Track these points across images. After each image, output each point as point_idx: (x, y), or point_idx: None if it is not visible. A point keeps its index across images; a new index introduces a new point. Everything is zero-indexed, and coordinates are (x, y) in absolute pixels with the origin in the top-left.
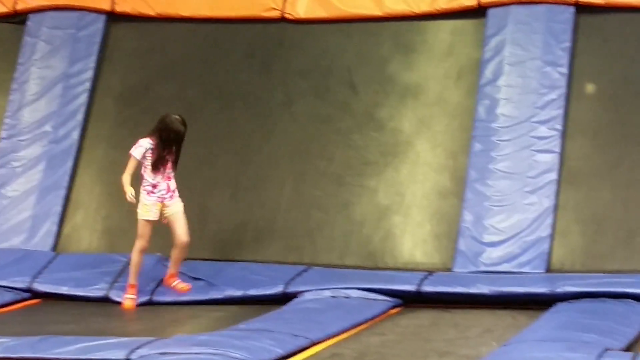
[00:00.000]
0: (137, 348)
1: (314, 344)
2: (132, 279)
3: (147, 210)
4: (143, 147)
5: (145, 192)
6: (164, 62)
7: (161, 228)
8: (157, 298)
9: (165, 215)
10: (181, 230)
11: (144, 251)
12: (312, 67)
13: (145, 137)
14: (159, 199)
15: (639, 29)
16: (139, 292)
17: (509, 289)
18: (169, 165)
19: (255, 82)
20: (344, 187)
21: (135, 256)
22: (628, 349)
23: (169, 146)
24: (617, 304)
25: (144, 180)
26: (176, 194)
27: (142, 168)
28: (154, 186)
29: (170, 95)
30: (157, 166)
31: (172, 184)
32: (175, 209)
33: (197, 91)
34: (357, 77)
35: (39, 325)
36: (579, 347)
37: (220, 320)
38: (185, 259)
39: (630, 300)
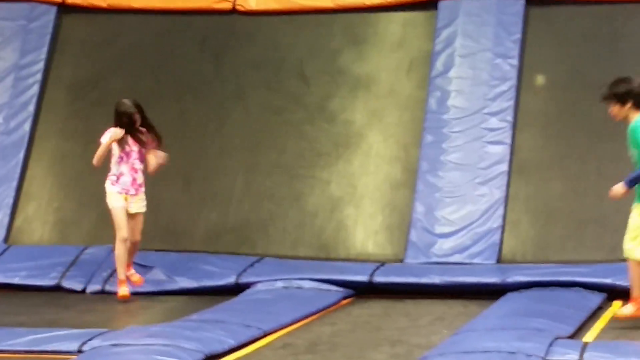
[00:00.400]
0: (90, 340)
1: (266, 334)
2: (120, 274)
3: (113, 198)
4: (108, 133)
5: (109, 182)
6: (115, 54)
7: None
8: (110, 288)
9: (128, 210)
10: (136, 230)
11: (126, 241)
12: (264, 59)
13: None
14: (123, 189)
15: (589, 21)
16: (92, 281)
17: (460, 279)
18: (135, 155)
19: (207, 74)
20: (296, 178)
21: (118, 249)
22: (577, 333)
23: (128, 132)
24: (566, 292)
25: (110, 171)
26: (142, 189)
27: (110, 158)
28: (118, 177)
29: (122, 87)
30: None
31: (139, 177)
32: (137, 208)
33: (149, 83)
34: (308, 69)
35: None
36: (530, 335)
37: (172, 311)
38: (138, 250)
39: (579, 288)
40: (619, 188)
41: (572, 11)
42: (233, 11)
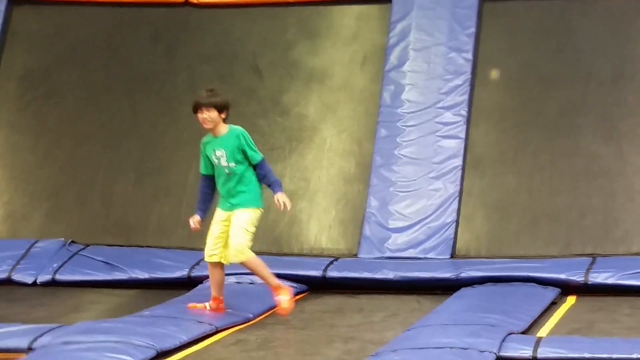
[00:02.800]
0: (40, 336)
1: (218, 330)
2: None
3: None
4: None
5: None
6: (67, 46)
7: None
8: (60, 277)
9: None
10: None
11: None
12: (216, 52)
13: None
14: None
15: (543, 15)
16: (42, 272)
17: (414, 274)
18: None
19: (160, 66)
20: None
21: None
22: (531, 329)
23: None
24: (520, 287)
25: None
26: None
27: None
28: None
29: (74, 79)
30: None
31: None
32: None
33: (101, 75)
34: (262, 62)
35: None
36: (482, 331)
37: (123, 306)
38: (89, 245)
39: (533, 283)
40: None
41: (526, 5)
42: (186, 3)
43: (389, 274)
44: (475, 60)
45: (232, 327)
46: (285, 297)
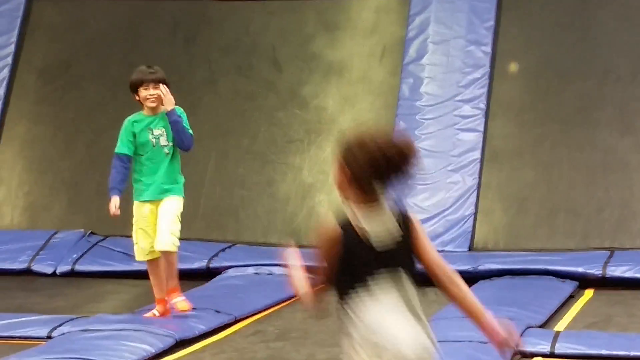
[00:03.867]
0: (59, 325)
1: (237, 320)
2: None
3: None
4: None
5: None
6: (86, 38)
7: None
8: (79, 268)
9: None
10: None
11: None
12: (235, 44)
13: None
14: None
15: (562, 8)
16: (61, 263)
17: None
18: None
19: (179, 58)
20: (268, 164)
21: None
22: (548, 322)
23: None
24: (538, 280)
25: None
26: None
27: None
28: None
29: (93, 72)
30: None
31: None
32: None
33: (120, 68)
34: (281, 54)
35: None
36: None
37: (142, 296)
38: (108, 236)
39: (551, 277)
40: None
41: None
42: None
43: None
44: (494, 54)
45: (251, 316)
46: (180, 297)
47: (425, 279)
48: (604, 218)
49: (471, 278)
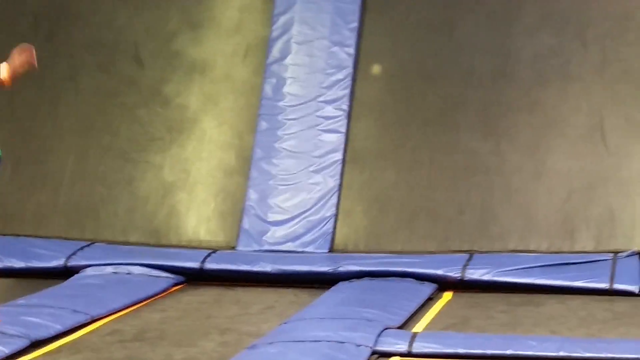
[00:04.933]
0: None
1: (94, 320)
2: None
3: None
4: None
5: None
6: None
7: None
8: None
9: None
10: None
11: None
12: (98, 41)
13: None
14: None
15: (425, 11)
16: None
17: (292, 267)
18: None
19: (40, 53)
20: (129, 162)
21: None
22: (407, 324)
23: None
24: (397, 282)
25: None
26: None
27: None
28: None
29: None
30: None
31: None
32: None
33: None
34: (144, 51)
35: None
36: (359, 325)
37: None
38: None
39: (410, 278)
40: None
41: (409, 2)
42: None
43: (267, 267)
44: (358, 55)
45: (108, 315)
46: None
47: (278, 279)
48: (464, 221)
49: (331, 279)
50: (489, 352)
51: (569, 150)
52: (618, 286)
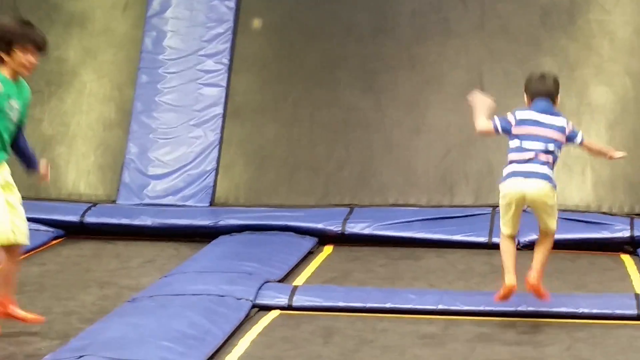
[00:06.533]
0: None
1: None
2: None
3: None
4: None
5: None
6: None
7: None
8: None
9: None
10: None
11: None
12: None
13: None
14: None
15: None
16: None
17: (172, 221)
18: None
19: None
20: None
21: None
22: (287, 277)
23: None
24: (278, 236)
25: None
26: None
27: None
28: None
29: None
30: None
31: None
32: None
33: None
34: (22, 4)
35: None
36: (239, 279)
37: None
38: None
39: (291, 232)
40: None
41: None
42: None
43: (147, 221)
44: (238, 9)
45: None
46: None
47: (158, 233)
48: (344, 176)
49: (212, 233)
50: (369, 305)
51: (448, 106)
52: (497, 240)
